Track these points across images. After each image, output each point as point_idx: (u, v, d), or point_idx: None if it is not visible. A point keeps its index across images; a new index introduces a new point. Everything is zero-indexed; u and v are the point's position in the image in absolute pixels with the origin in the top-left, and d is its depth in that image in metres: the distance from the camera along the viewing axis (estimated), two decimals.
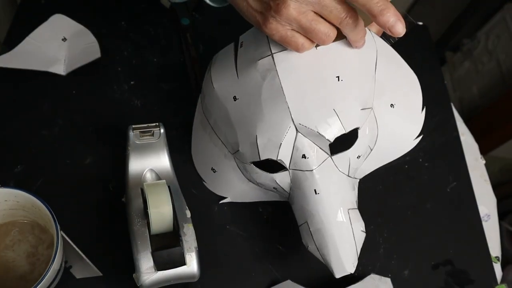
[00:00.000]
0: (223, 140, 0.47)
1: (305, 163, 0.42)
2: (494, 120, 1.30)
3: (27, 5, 0.64)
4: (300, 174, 0.43)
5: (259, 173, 0.45)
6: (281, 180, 0.44)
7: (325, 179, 0.42)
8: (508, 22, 1.32)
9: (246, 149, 0.44)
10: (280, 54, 0.42)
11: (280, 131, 0.41)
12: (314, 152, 0.42)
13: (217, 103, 0.46)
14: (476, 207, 0.60)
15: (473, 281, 0.54)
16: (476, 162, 0.72)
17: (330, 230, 0.42)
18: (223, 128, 0.47)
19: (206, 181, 0.53)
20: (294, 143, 0.42)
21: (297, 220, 0.45)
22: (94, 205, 0.50)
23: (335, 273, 0.43)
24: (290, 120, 0.41)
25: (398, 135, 0.49)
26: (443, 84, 0.72)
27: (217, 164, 0.50)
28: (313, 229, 0.43)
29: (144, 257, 0.39)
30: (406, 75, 0.51)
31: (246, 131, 0.43)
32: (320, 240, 0.42)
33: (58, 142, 0.54)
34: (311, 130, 0.41)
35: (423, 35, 0.78)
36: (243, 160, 0.45)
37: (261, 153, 0.43)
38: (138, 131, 0.47)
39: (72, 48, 0.59)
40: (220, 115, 0.46)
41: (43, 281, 0.37)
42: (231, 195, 0.52)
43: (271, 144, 0.42)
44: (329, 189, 0.42)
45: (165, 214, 0.40)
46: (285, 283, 0.49)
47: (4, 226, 0.44)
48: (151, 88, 0.60)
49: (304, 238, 0.44)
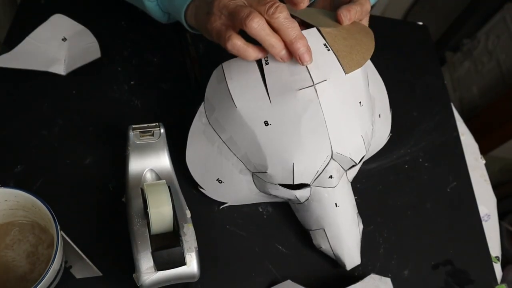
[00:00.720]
0: (240, 158, 0.47)
1: (330, 182, 0.45)
2: (494, 120, 1.30)
3: (27, 5, 0.64)
4: (322, 190, 0.46)
5: (279, 189, 0.47)
6: (301, 195, 0.47)
7: (343, 193, 0.47)
8: (508, 22, 1.32)
9: (277, 172, 0.45)
10: (321, 84, 0.42)
11: (319, 160, 0.44)
12: (338, 171, 0.46)
13: (240, 123, 0.45)
14: (476, 207, 0.60)
15: (473, 281, 0.54)
16: (476, 162, 0.72)
17: (346, 234, 0.47)
18: (244, 147, 0.46)
19: (205, 189, 0.51)
20: (325, 168, 0.45)
21: (307, 225, 0.49)
22: (94, 205, 0.50)
23: (347, 266, 0.48)
24: (329, 150, 0.44)
25: (379, 138, 0.54)
26: (443, 84, 0.72)
27: (226, 177, 0.49)
28: (330, 235, 0.47)
29: (144, 257, 0.39)
30: (379, 81, 0.54)
31: (280, 157, 0.44)
32: (335, 243, 0.48)
33: (58, 142, 0.54)
34: (345, 156, 0.44)
35: (423, 35, 0.78)
36: (270, 181, 0.46)
37: (296, 179, 0.45)
38: (138, 131, 0.47)
39: (72, 48, 0.59)
40: (241, 135, 0.45)
41: (43, 281, 0.37)
42: (233, 201, 0.52)
43: (307, 172, 0.44)
44: (346, 200, 0.47)
45: (165, 214, 0.40)
46: (285, 283, 0.49)
47: (4, 226, 0.44)
48: (151, 88, 0.60)
49: (316, 240, 0.49)
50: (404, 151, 0.62)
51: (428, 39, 0.78)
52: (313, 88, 0.42)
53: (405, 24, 0.89)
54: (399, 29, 0.78)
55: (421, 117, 0.66)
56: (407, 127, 0.64)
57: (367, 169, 0.59)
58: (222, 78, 0.45)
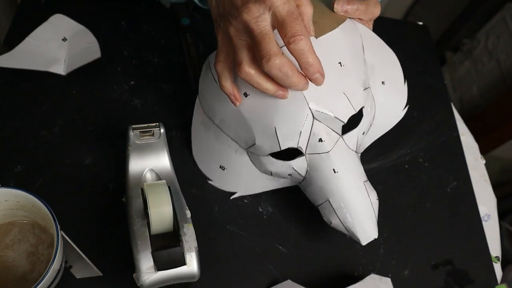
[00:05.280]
0: (233, 137, 0.49)
1: (322, 146, 0.45)
2: (494, 120, 1.30)
3: (27, 5, 0.64)
4: (317, 157, 0.45)
5: (275, 163, 0.47)
6: (298, 166, 0.47)
7: (340, 158, 0.45)
8: (508, 22, 1.32)
9: (264, 141, 0.45)
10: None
11: (299, 120, 0.44)
12: (329, 134, 0.45)
13: (225, 100, 0.46)
14: (476, 207, 0.60)
15: (473, 281, 0.54)
16: (476, 162, 0.72)
17: (352, 204, 0.45)
18: (233, 125, 0.48)
19: (213, 179, 0.53)
20: (311, 129, 0.44)
21: (314, 201, 0.48)
22: (94, 205, 0.50)
23: (361, 241, 0.46)
24: (307, 108, 0.43)
25: (389, 108, 0.52)
26: (443, 84, 0.72)
27: (226, 162, 0.51)
28: (336, 205, 0.46)
29: (144, 257, 0.39)
30: (388, 54, 0.54)
31: (263, 124, 0.45)
32: (343, 214, 0.45)
33: (58, 142, 0.54)
34: (328, 115, 0.44)
35: (423, 35, 0.78)
36: (261, 152, 0.47)
37: (282, 143, 0.45)
38: (138, 131, 0.47)
39: (72, 48, 0.59)
40: (229, 113, 0.47)
41: (43, 281, 0.37)
42: (241, 189, 0.53)
43: (290, 133, 0.44)
44: (345, 166, 0.46)
45: (165, 214, 0.40)
46: (285, 283, 0.49)
47: (4, 226, 0.44)
48: (151, 88, 0.60)
49: (325, 216, 0.47)
50: (404, 151, 0.62)
51: (428, 39, 0.78)
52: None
53: (405, 24, 0.89)
54: (399, 29, 0.78)
55: (421, 117, 0.66)
56: (407, 127, 0.64)
57: (367, 169, 0.59)
58: (207, 66, 0.50)
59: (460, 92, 1.51)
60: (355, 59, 0.47)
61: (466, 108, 1.48)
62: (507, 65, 1.32)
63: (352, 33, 0.48)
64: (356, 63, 0.47)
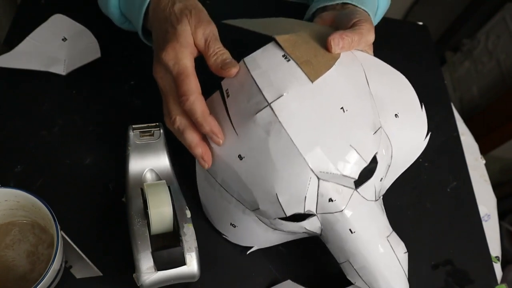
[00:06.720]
0: (237, 198, 0.44)
1: (333, 205, 0.40)
2: (494, 120, 1.30)
3: (27, 5, 0.64)
4: (330, 216, 0.41)
5: (285, 224, 0.43)
6: (310, 226, 0.42)
7: (357, 216, 0.40)
8: (508, 22, 1.32)
9: (268, 207, 0.41)
10: (277, 102, 0.39)
11: (301, 185, 0.39)
12: (340, 192, 0.40)
13: (222, 162, 0.42)
14: (476, 207, 0.60)
15: (473, 281, 0.54)
16: (476, 162, 0.72)
17: (376, 264, 0.41)
18: (234, 187, 0.43)
19: (227, 235, 0.49)
20: (318, 191, 0.40)
21: (336, 258, 0.44)
22: (94, 205, 0.50)
23: None
24: (309, 170, 0.39)
25: (408, 142, 0.47)
26: (443, 84, 0.72)
27: (235, 220, 0.47)
28: (358, 267, 0.41)
29: (144, 257, 0.39)
30: (396, 79, 0.48)
31: (263, 190, 0.40)
32: (368, 275, 0.41)
33: (58, 142, 0.53)
34: (334, 174, 0.39)
35: (423, 35, 0.78)
36: (267, 217, 0.43)
37: (286, 210, 0.40)
38: (138, 131, 0.47)
39: (72, 48, 0.59)
40: (228, 175, 0.43)
41: (43, 281, 0.37)
42: (257, 243, 0.49)
43: (294, 200, 0.40)
44: (363, 224, 0.41)
45: (165, 214, 0.40)
46: (285, 283, 0.49)
47: (4, 226, 0.44)
48: (151, 88, 0.60)
49: (348, 275, 0.43)
50: None
51: (428, 39, 0.78)
52: (268, 107, 0.39)
53: (405, 24, 0.89)
54: (399, 29, 0.78)
55: None
56: None
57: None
58: None
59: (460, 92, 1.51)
60: (360, 99, 0.41)
61: (466, 108, 1.48)
62: (507, 65, 1.32)
63: (352, 66, 0.43)
64: (361, 103, 0.41)
